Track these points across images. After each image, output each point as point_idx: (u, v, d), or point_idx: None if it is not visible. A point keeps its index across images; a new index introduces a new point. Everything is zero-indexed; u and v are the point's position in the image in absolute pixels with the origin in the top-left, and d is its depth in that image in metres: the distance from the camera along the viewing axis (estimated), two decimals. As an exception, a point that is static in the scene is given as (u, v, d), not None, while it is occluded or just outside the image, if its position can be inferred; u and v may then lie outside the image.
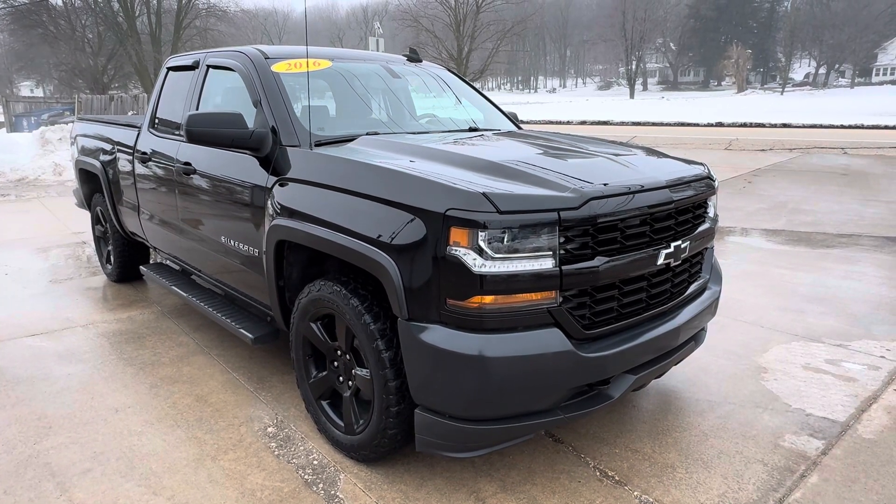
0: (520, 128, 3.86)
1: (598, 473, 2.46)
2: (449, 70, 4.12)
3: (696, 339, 2.76)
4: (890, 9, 67.89)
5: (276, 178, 2.72)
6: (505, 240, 1.95)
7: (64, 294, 4.80)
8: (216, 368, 3.44)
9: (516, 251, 1.97)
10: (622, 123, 21.93)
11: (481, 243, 1.94)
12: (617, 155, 2.61)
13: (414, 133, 3.16)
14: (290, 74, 3.13)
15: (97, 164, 4.68)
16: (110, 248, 5.06)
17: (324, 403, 2.68)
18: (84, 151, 5.02)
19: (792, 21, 73.33)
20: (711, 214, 2.78)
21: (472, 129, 3.44)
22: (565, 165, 2.37)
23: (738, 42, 72.65)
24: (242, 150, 2.92)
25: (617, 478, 2.43)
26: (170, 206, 3.71)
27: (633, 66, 76.86)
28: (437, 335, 2.03)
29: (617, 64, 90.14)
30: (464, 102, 3.82)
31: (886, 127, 17.17)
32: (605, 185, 2.18)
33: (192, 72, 3.71)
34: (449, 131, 3.35)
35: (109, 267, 5.10)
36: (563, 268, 2.02)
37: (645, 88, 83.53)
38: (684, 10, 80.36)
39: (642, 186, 2.27)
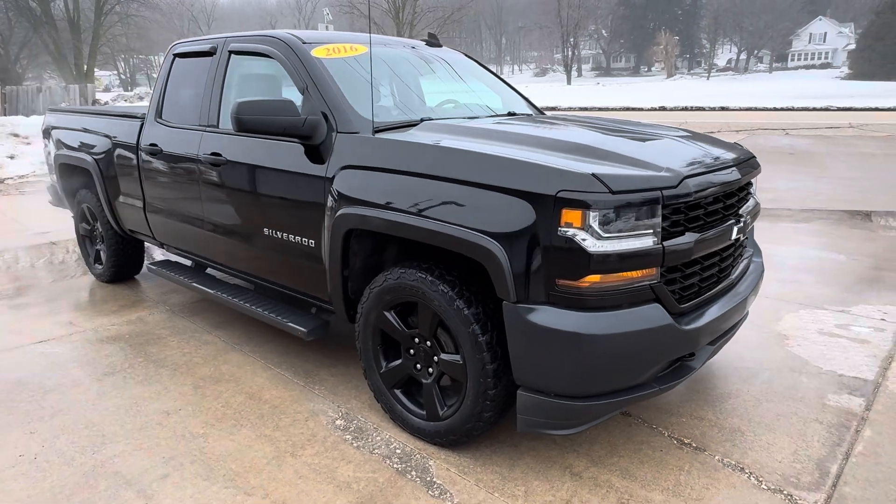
0: (542, 112, 3.91)
1: (675, 442, 2.57)
2: (466, 55, 4.11)
3: (745, 309, 2.91)
4: (802, -3, 72.19)
5: (338, 167, 2.65)
6: (615, 219, 2.00)
7: (53, 297, 4.51)
8: (256, 365, 3.34)
9: (625, 230, 2.02)
10: (570, 108, 22.38)
11: (592, 223, 1.99)
12: (679, 137, 2.70)
13: (466, 118, 3.15)
14: (331, 60, 3.05)
15: (88, 158, 4.39)
16: (100, 247, 4.78)
17: (397, 392, 2.67)
18: (67, 145, 4.70)
19: (714, 8, 76.68)
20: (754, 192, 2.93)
21: (510, 114, 3.46)
22: (643, 147, 2.45)
23: (666, 29, 75.37)
24: (290, 139, 2.83)
25: (694, 445, 2.55)
26: (190, 199, 3.55)
27: (569, 53, 78.40)
28: (547, 316, 2.06)
29: (552, 51, 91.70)
30: (488, 87, 3.84)
31: (815, 109, 18.33)
32: (690, 164, 2.27)
33: (209, 58, 3.54)
34: (491, 116, 3.35)
35: (100, 267, 4.82)
36: (664, 244, 2.10)
37: (580, 74, 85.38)
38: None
39: (719, 165, 2.37)
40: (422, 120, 2.90)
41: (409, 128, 2.75)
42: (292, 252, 2.96)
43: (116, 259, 4.66)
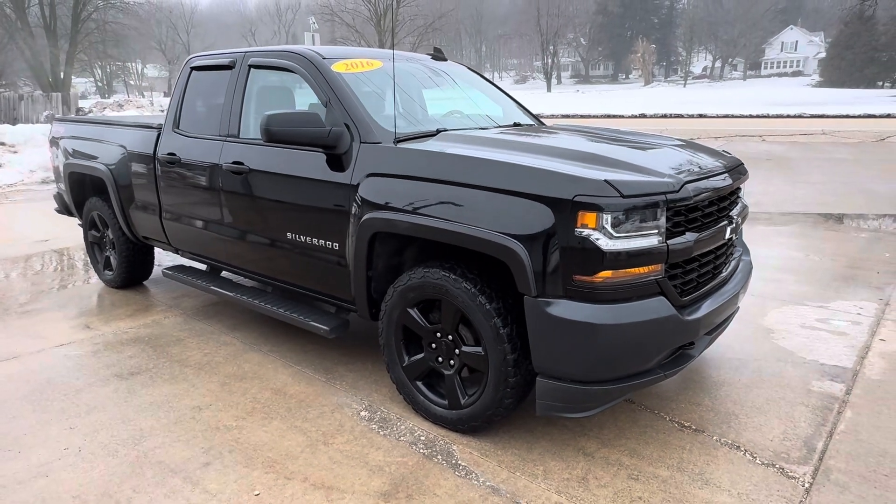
0: (542, 122, 4.15)
1: (676, 425, 2.80)
2: (469, 68, 4.33)
3: (736, 304, 3.16)
4: (774, 6, 74.15)
5: (362, 175, 2.85)
6: (624, 220, 2.23)
7: (64, 303, 4.61)
8: (277, 363, 3.50)
9: (634, 230, 2.25)
10: (552, 116, 22.78)
11: (605, 224, 2.21)
12: (675, 146, 2.96)
13: (476, 128, 3.36)
14: (350, 74, 3.25)
15: (102, 167, 4.51)
16: (110, 253, 4.90)
17: (419, 384, 2.86)
18: (78, 154, 4.82)
19: (690, 17, 78.41)
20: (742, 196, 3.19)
21: (515, 124, 3.68)
22: (646, 155, 2.69)
23: (643, 37, 76.81)
24: (314, 148, 3.01)
25: (694, 427, 2.78)
26: (209, 205, 3.70)
27: (549, 61, 79.42)
28: (565, 308, 2.28)
29: (532, 58, 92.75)
30: (492, 98, 4.06)
31: (789, 116, 18.95)
32: (688, 171, 2.51)
33: (228, 71, 3.72)
34: (496, 126, 3.57)
35: (110, 273, 4.94)
36: (668, 243, 2.33)
37: (559, 82, 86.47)
38: (592, 5, 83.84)
39: (713, 172, 2.62)
40: (438, 131, 3.11)
41: (428, 138, 2.96)
42: (316, 255, 3.14)
43: (128, 265, 4.78)
